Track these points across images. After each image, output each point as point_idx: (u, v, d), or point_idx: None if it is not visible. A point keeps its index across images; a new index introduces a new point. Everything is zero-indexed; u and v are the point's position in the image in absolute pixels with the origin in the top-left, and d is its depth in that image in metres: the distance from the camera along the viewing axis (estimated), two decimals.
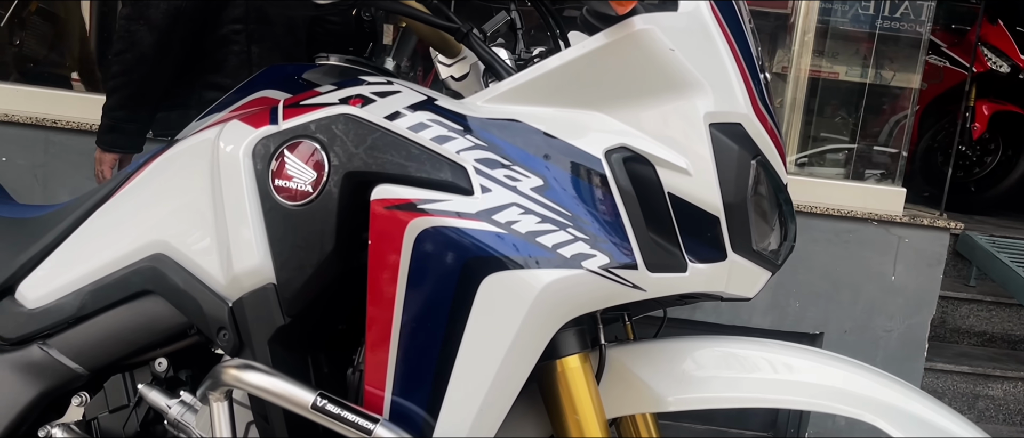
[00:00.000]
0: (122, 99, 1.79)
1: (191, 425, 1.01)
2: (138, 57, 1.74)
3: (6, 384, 1.06)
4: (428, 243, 0.84)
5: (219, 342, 0.96)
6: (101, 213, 1.08)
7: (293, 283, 0.90)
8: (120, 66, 1.76)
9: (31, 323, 1.07)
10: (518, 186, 0.86)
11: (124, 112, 1.80)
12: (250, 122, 0.94)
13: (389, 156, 0.87)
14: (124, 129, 1.82)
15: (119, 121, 1.81)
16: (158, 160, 1.06)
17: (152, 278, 1.00)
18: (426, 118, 0.89)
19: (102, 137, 1.83)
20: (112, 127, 1.82)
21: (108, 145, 1.83)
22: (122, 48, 1.75)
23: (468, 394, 0.85)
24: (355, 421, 0.80)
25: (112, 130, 1.82)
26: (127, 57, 1.75)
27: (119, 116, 1.81)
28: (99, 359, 1.05)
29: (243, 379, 0.84)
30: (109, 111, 1.81)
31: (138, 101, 1.80)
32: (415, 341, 0.85)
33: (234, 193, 0.92)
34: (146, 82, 1.78)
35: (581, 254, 0.85)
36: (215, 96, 1.90)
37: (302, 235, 0.89)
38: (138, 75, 1.76)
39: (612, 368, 1.00)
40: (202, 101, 1.88)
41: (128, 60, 1.75)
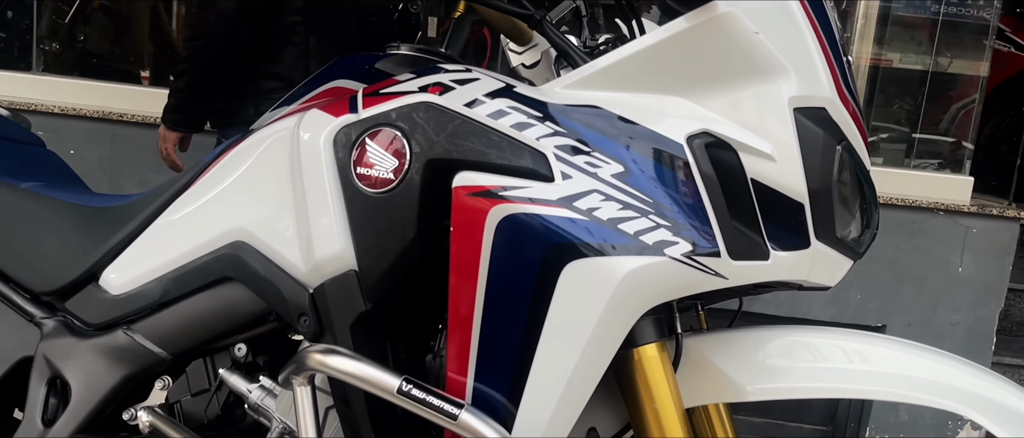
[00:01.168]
0: (190, 82, 1.87)
1: (271, 409, 1.03)
2: (207, 44, 1.81)
3: (93, 367, 1.09)
4: (509, 230, 0.84)
5: (299, 328, 0.97)
6: (181, 202, 1.10)
7: (375, 270, 0.91)
8: (190, 51, 1.84)
9: (115, 309, 1.10)
10: (599, 173, 0.86)
11: (191, 95, 1.88)
12: (330, 111, 0.95)
13: (470, 143, 0.87)
14: (190, 110, 1.91)
15: (186, 102, 1.90)
16: (236, 150, 1.08)
17: (232, 265, 1.02)
18: (505, 105, 0.88)
19: (168, 116, 1.92)
20: (178, 107, 1.90)
21: (173, 124, 1.92)
22: (193, 34, 1.83)
23: (549, 382, 0.85)
24: (440, 406, 0.80)
25: (178, 110, 1.91)
26: (197, 43, 1.82)
27: (186, 98, 1.89)
28: (181, 344, 1.08)
29: (328, 364, 0.86)
30: (177, 92, 1.89)
31: (204, 85, 1.87)
32: (497, 328, 0.85)
33: (315, 181, 0.94)
34: (213, 67, 1.85)
35: (663, 241, 0.84)
36: (272, 86, 1.97)
37: (384, 222, 0.90)
38: (206, 61, 1.83)
39: (689, 357, 0.99)
40: (259, 91, 1.94)
41: (198, 46, 1.82)
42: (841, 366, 0.97)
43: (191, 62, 1.84)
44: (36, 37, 2.70)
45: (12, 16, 2.85)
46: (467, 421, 0.80)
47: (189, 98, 1.89)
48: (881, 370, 0.95)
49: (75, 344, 1.11)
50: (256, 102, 1.92)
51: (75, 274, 1.13)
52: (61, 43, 2.84)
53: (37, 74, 2.69)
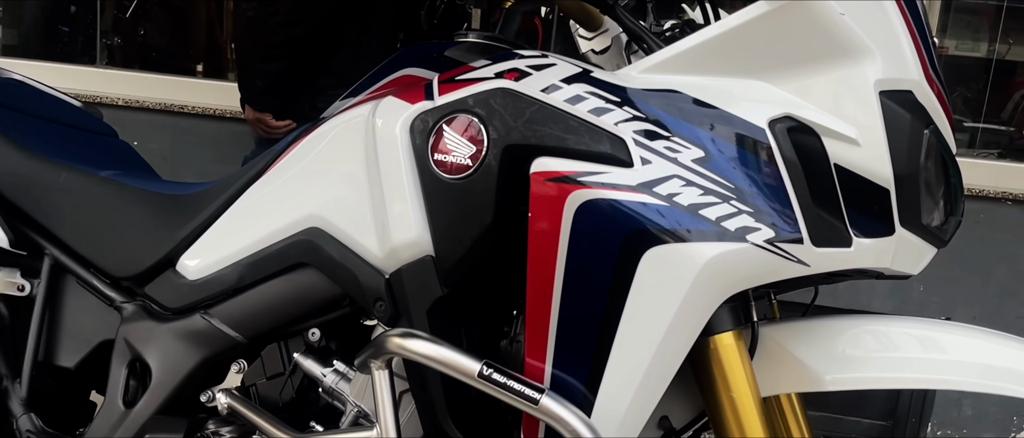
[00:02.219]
0: (285, 67, 1.91)
1: (345, 393, 1.05)
2: (305, 32, 1.85)
3: (171, 350, 1.12)
4: (588, 216, 0.84)
5: (375, 313, 0.99)
6: (255, 189, 1.12)
7: (451, 255, 0.91)
8: (287, 37, 1.87)
9: (193, 293, 1.13)
10: (678, 158, 0.85)
11: (283, 79, 1.93)
12: (405, 98, 0.96)
13: (547, 129, 0.87)
14: (280, 93, 1.96)
15: (277, 86, 1.94)
16: (309, 138, 1.09)
17: (308, 251, 1.04)
18: (583, 90, 0.88)
19: (257, 98, 1.97)
20: (268, 90, 1.95)
21: (261, 106, 1.97)
22: (291, 21, 1.86)
23: (628, 370, 0.85)
24: (521, 390, 0.81)
25: (269, 92, 1.96)
26: (296, 31, 1.86)
27: (277, 83, 1.94)
28: (257, 328, 1.10)
29: (408, 347, 0.86)
30: (268, 76, 1.93)
31: (297, 71, 1.92)
32: (575, 315, 0.85)
33: (392, 167, 0.94)
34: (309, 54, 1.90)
35: (745, 227, 0.83)
36: (325, 83, 2.01)
37: (461, 208, 0.90)
38: (300, 47, 1.87)
39: (764, 346, 0.97)
40: (314, 88, 1.98)
41: (295, 34, 1.86)
42: (916, 355, 0.95)
43: (288, 47, 1.88)
44: (99, 31, 2.78)
45: (76, 11, 2.93)
46: (548, 406, 0.80)
47: (280, 83, 1.93)
48: (956, 359, 0.93)
49: (154, 328, 1.14)
50: (311, 97, 1.96)
51: (153, 260, 1.16)
52: (122, 37, 2.91)
53: (101, 67, 2.76)
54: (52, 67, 2.68)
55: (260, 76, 1.94)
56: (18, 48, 3.01)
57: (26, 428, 1.16)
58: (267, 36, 1.88)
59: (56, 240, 1.22)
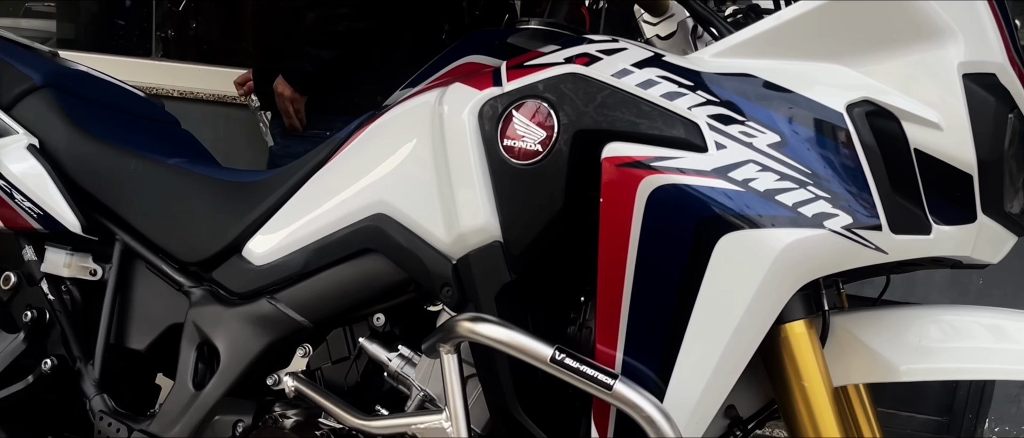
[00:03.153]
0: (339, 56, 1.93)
1: (411, 377, 1.06)
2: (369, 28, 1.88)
3: (239, 334, 1.15)
4: (661, 201, 0.83)
5: (442, 298, 0.99)
6: (319, 176, 1.14)
7: (520, 241, 0.91)
8: (348, 29, 1.89)
9: (259, 279, 1.15)
10: (754, 142, 0.84)
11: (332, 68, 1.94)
12: (473, 84, 0.96)
13: (619, 114, 0.86)
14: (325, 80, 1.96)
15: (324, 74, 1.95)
16: (373, 126, 1.10)
17: (374, 237, 1.05)
18: (655, 75, 0.87)
19: (301, 80, 1.97)
20: (315, 75, 1.96)
21: (304, 88, 1.97)
22: (349, 12, 1.88)
23: (701, 357, 0.84)
24: (594, 376, 0.80)
25: (315, 77, 1.96)
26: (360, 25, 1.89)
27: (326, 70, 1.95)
28: (322, 313, 1.11)
29: (479, 331, 0.87)
30: (321, 62, 1.94)
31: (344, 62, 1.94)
32: (648, 301, 0.85)
33: (460, 154, 0.95)
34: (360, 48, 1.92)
35: (823, 213, 0.82)
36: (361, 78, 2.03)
37: (530, 194, 0.90)
38: (358, 41, 1.90)
39: (835, 335, 0.96)
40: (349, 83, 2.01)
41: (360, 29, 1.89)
42: (988, 345, 0.93)
43: (348, 38, 1.90)
44: (154, 24, 2.84)
45: (131, 4, 3.00)
46: (622, 392, 0.80)
47: (328, 72, 1.95)
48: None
49: (222, 312, 1.16)
50: (346, 91, 1.99)
51: (220, 245, 1.18)
52: (176, 30, 2.97)
53: (156, 60, 2.82)
54: (109, 59, 2.74)
55: (312, 61, 1.96)
56: (76, 42, 3.09)
57: (99, 408, 1.19)
58: (329, 25, 1.89)
59: (126, 226, 1.25)
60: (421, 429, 0.96)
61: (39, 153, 1.25)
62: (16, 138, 1.26)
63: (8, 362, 1.20)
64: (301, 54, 1.95)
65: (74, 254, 1.26)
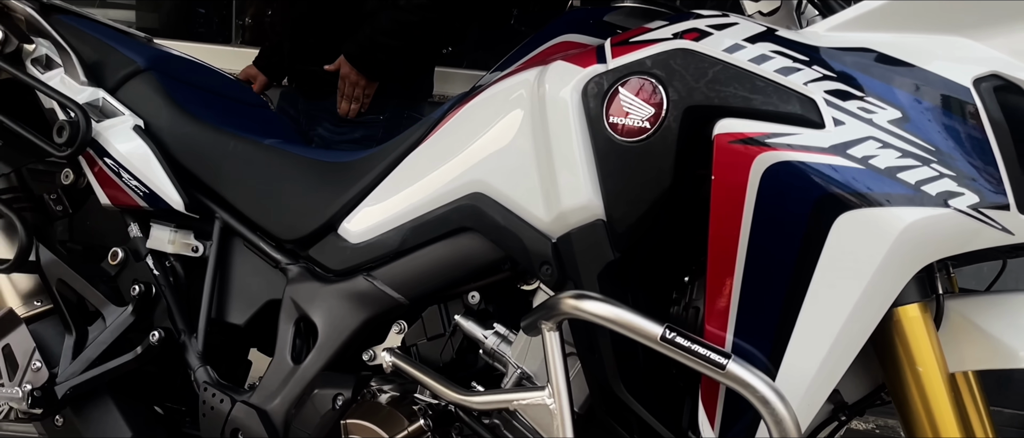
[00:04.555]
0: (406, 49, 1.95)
1: (507, 354, 1.07)
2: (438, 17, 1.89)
3: (336, 310, 1.17)
4: (776, 179, 0.81)
5: (541, 277, 0.99)
6: (415, 156, 1.15)
7: (625, 219, 0.91)
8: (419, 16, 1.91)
9: (355, 256, 1.17)
10: (874, 118, 0.81)
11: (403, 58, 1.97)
12: (575, 62, 0.96)
13: (732, 89, 0.84)
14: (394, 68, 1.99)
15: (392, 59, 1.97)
16: (470, 105, 1.10)
17: (471, 215, 1.05)
18: (768, 50, 0.85)
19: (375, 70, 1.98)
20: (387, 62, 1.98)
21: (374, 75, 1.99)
22: (424, 3, 1.89)
23: (814, 341, 0.82)
24: (706, 355, 0.79)
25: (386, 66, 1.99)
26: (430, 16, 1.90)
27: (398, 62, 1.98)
28: (418, 290, 1.13)
29: (584, 309, 0.87)
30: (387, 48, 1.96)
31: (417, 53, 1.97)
32: (760, 282, 0.83)
33: (561, 132, 0.94)
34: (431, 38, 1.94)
35: (948, 192, 0.79)
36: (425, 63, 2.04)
37: (637, 171, 0.89)
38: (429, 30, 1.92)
39: (949, 320, 0.92)
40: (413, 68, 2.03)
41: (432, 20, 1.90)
42: None
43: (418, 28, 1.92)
44: (235, 11, 2.90)
45: None
46: (735, 371, 0.79)
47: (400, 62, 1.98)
48: None
49: (319, 288, 1.19)
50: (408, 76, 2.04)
51: (316, 224, 1.21)
52: (252, 17, 3.03)
53: (236, 46, 2.89)
54: (190, 46, 2.82)
55: (384, 50, 1.97)
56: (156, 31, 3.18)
57: (203, 379, 1.24)
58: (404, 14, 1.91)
59: (226, 204, 1.29)
60: (522, 405, 0.96)
61: (144, 134, 1.30)
62: (122, 119, 1.31)
63: (118, 334, 1.25)
64: (372, 43, 1.96)
65: (177, 231, 1.30)
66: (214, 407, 1.21)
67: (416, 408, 1.09)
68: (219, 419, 1.19)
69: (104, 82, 1.36)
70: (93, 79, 1.35)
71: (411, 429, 1.05)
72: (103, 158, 1.29)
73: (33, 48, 1.38)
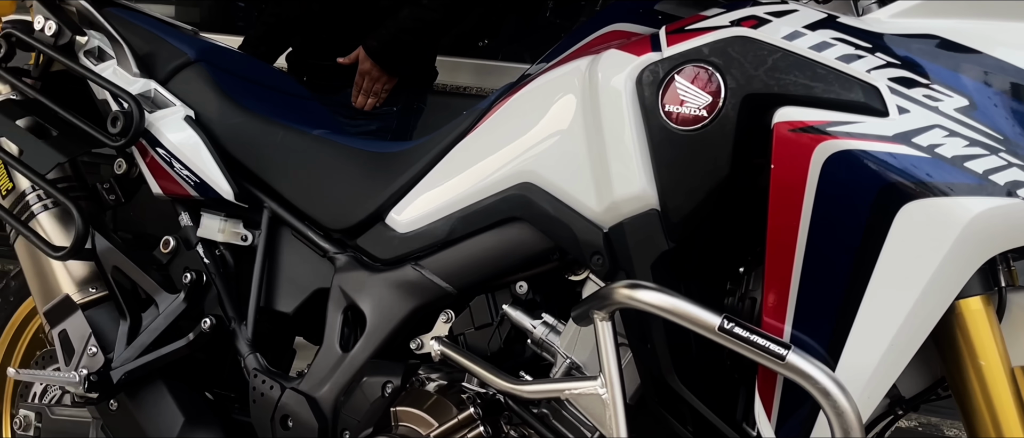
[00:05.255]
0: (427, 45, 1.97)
1: (556, 344, 1.07)
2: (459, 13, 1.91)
3: (385, 299, 1.18)
4: (838, 168, 0.80)
5: (592, 267, 0.99)
6: (463, 146, 1.15)
7: (680, 209, 0.90)
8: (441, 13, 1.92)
9: (403, 245, 1.17)
10: (940, 106, 0.79)
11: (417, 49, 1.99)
12: (629, 50, 0.95)
13: (792, 77, 0.83)
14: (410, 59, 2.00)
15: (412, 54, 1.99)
16: (518, 95, 1.10)
17: (520, 205, 1.05)
18: (829, 37, 0.84)
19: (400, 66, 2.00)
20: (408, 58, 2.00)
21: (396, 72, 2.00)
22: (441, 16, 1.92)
23: (874, 335, 0.81)
24: (766, 346, 0.79)
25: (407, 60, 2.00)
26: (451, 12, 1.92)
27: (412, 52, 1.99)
28: (466, 279, 1.13)
29: (639, 298, 0.86)
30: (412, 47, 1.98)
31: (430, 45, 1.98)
32: (820, 273, 0.82)
33: (615, 120, 0.94)
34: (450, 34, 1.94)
35: (1016, 181, 0.77)
36: None
37: (693, 160, 0.88)
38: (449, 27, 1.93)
39: (1011, 313, 0.90)
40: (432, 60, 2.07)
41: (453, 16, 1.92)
42: None
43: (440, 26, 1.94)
44: None
45: None
46: (796, 362, 0.78)
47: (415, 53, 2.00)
48: None
49: (367, 277, 1.20)
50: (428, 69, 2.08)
51: (364, 214, 1.22)
52: None
53: None
54: (231, 40, 2.85)
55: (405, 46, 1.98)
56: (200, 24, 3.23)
57: (253, 366, 1.25)
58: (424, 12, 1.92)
59: (274, 194, 1.30)
60: (574, 395, 0.96)
61: (195, 124, 1.32)
62: (174, 110, 1.33)
63: (170, 320, 1.27)
64: (396, 40, 1.96)
65: (227, 220, 1.32)
66: (264, 394, 1.23)
67: (464, 396, 1.09)
68: (269, 405, 1.21)
69: (155, 73, 1.38)
70: (145, 70, 1.38)
71: (461, 417, 1.06)
72: (155, 148, 1.32)
73: (86, 40, 1.41)
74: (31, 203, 1.35)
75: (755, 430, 0.88)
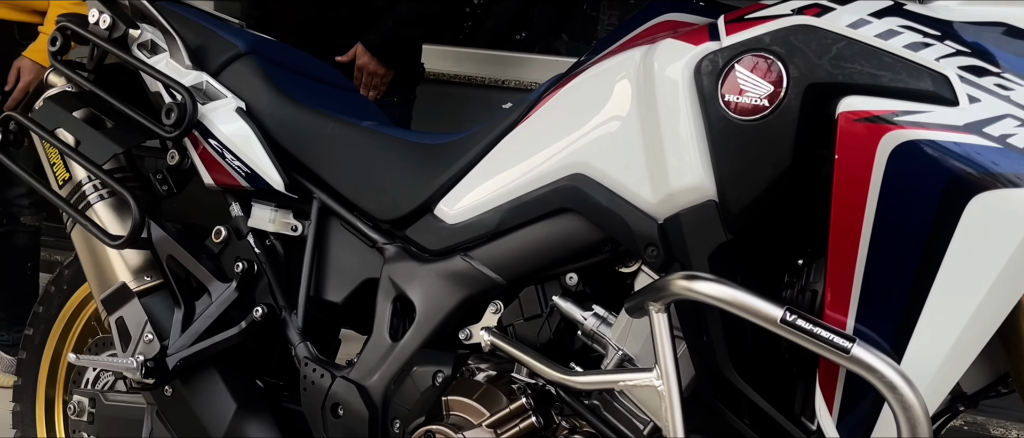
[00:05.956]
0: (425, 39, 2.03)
1: (607, 336, 1.06)
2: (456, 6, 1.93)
3: (434, 289, 1.18)
4: (905, 159, 0.79)
5: (646, 258, 0.99)
6: (513, 137, 1.15)
7: (739, 200, 0.89)
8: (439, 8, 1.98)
9: (453, 236, 1.18)
10: (1012, 95, 0.77)
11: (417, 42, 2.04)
12: (687, 39, 0.94)
13: (857, 66, 0.82)
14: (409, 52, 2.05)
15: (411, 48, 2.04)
16: (569, 86, 1.10)
17: (571, 197, 1.05)
18: (896, 24, 0.82)
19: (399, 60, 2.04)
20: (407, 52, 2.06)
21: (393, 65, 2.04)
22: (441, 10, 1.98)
23: (942, 327, 0.79)
24: (830, 339, 0.78)
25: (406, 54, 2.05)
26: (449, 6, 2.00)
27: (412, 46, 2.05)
28: (516, 270, 1.13)
29: (698, 290, 0.85)
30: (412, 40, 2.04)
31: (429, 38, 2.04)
32: (885, 266, 0.80)
33: (671, 110, 0.93)
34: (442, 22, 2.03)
35: None
36: None
37: (754, 150, 0.87)
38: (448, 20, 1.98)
39: None
40: None
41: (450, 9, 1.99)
42: None
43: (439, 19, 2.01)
44: None
45: None
46: (861, 356, 0.77)
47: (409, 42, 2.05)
48: None
49: (416, 268, 1.21)
50: None
51: (413, 205, 1.22)
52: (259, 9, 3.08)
53: None
54: None
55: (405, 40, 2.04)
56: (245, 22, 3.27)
57: (304, 355, 1.27)
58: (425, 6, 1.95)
59: (324, 185, 1.31)
60: (629, 386, 0.96)
61: (246, 115, 1.33)
62: (225, 102, 1.35)
63: (223, 309, 1.29)
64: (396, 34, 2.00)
65: (277, 210, 1.34)
66: (315, 382, 1.24)
67: (515, 387, 1.10)
68: (320, 394, 1.23)
69: (207, 66, 1.40)
70: (197, 63, 1.39)
71: (512, 407, 1.06)
72: (208, 139, 1.34)
73: (139, 33, 1.43)
74: (88, 193, 1.38)
75: (814, 424, 0.87)
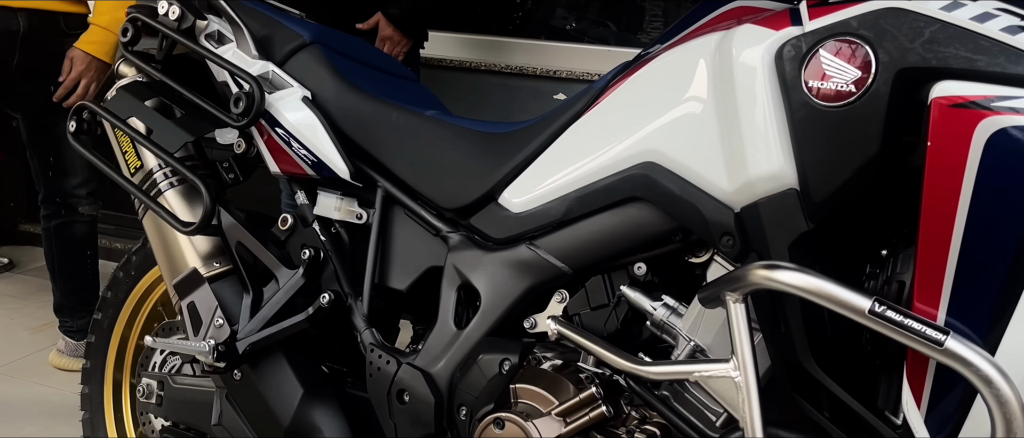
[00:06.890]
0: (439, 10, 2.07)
1: (677, 327, 1.05)
2: None
3: (499, 278, 1.18)
4: (1002, 145, 0.76)
5: (721, 248, 0.97)
6: (580, 126, 1.14)
7: (823, 188, 0.87)
8: None
9: (518, 225, 1.18)
10: None
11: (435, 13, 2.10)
12: (767, 25, 0.92)
13: (952, 50, 0.79)
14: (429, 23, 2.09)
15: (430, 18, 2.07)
16: (638, 74, 1.09)
17: (642, 185, 1.04)
18: (992, 7, 0.79)
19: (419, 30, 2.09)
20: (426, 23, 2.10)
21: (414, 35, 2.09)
22: None
23: None
24: (921, 331, 0.75)
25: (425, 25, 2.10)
26: None
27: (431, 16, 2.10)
28: (583, 259, 1.13)
29: (780, 279, 0.84)
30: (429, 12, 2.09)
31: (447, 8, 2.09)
32: (980, 256, 0.78)
33: (751, 97, 0.91)
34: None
35: None
36: None
37: (840, 138, 0.85)
38: None
39: None
40: None
41: None
42: None
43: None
44: None
45: None
46: (955, 349, 0.75)
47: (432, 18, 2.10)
48: None
49: (481, 256, 1.21)
50: None
51: (477, 194, 1.22)
52: None
53: None
54: None
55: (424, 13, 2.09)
56: None
57: (369, 341, 1.28)
58: None
59: (388, 173, 1.32)
60: (705, 377, 0.95)
61: (312, 104, 1.35)
62: (291, 91, 1.36)
63: (290, 295, 1.31)
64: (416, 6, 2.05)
65: (343, 198, 1.35)
66: (380, 368, 1.25)
67: (583, 376, 1.09)
68: (386, 380, 1.24)
69: (273, 55, 1.41)
70: (263, 53, 1.41)
71: (582, 396, 1.06)
72: (274, 128, 1.35)
73: (206, 24, 1.46)
74: (158, 181, 1.40)
75: (900, 417, 0.85)
